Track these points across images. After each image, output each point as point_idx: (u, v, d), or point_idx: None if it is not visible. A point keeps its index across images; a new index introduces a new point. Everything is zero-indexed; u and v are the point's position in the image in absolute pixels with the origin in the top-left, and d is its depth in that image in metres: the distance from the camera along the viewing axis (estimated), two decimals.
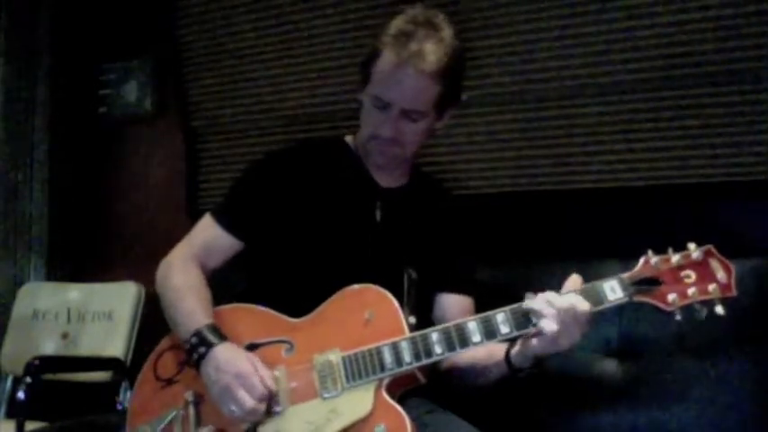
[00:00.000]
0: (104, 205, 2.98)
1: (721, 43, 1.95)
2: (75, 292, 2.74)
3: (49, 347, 2.64)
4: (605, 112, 2.10)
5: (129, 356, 2.54)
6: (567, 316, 1.30)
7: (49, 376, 2.34)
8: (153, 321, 1.60)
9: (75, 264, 2.96)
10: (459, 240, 1.69)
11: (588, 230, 2.07)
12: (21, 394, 2.16)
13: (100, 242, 2.97)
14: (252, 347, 1.48)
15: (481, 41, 2.23)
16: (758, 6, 1.90)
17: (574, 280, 1.37)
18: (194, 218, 1.73)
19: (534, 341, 1.35)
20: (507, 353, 1.43)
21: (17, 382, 2.45)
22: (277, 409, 1.40)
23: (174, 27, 2.78)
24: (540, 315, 1.32)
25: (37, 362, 2.22)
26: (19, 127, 2.87)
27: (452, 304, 1.64)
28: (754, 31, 1.91)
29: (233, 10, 2.66)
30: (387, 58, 1.50)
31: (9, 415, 2.58)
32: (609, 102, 2.09)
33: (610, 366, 1.77)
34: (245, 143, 2.68)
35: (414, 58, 1.47)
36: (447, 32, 1.52)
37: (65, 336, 2.66)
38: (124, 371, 2.48)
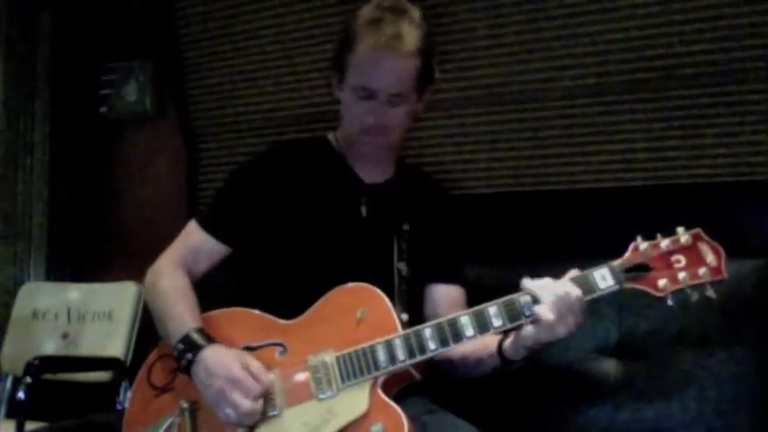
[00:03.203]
0: (104, 205, 2.98)
1: (721, 43, 1.95)
2: (75, 292, 2.74)
3: (49, 347, 2.64)
4: (605, 112, 2.10)
5: (129, 356, 2.54)
6: (562, 304, 1.30)
7: (49, 376, 2.33)
8: (153, 321, 1.60)
9: (75, 264, 2.96)
10: (447, 231, 1.68)
11: (588, 230, 2.06)
12: (21, 394, 2.16)
13: (100, 242, 2.97)
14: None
15: (481, 41, 2.23)
16: (758, 6, 1.90)
17: (572, 275, 1.36)
18: None
19: (530, 328, 1.33)
20: (500, 345, 1.42)
21: (17, 382, 2.44)
22: (273, 412, 1.39)
23: (174, 27, 2.78)
24: (538, 299, 1.32)
25: (37, 362, 2.22)
26: (19, 127, 2.87)
27: (443, 296, 1.62)
28: (754, 31, 1.91)
29: (233, 10, 2.66)
30: (364, 47, 1.50)
31: (9, 415, 2.58)
32: (608, 102, 2.09)
33: (610, 366, 1.77)
34: (244, 143, 2.68)
35: (392, 42, 1.48)
36: (415, 13, 1.54)
37: (65, 336, 2.66)
38: (124, 371, 2.47)
